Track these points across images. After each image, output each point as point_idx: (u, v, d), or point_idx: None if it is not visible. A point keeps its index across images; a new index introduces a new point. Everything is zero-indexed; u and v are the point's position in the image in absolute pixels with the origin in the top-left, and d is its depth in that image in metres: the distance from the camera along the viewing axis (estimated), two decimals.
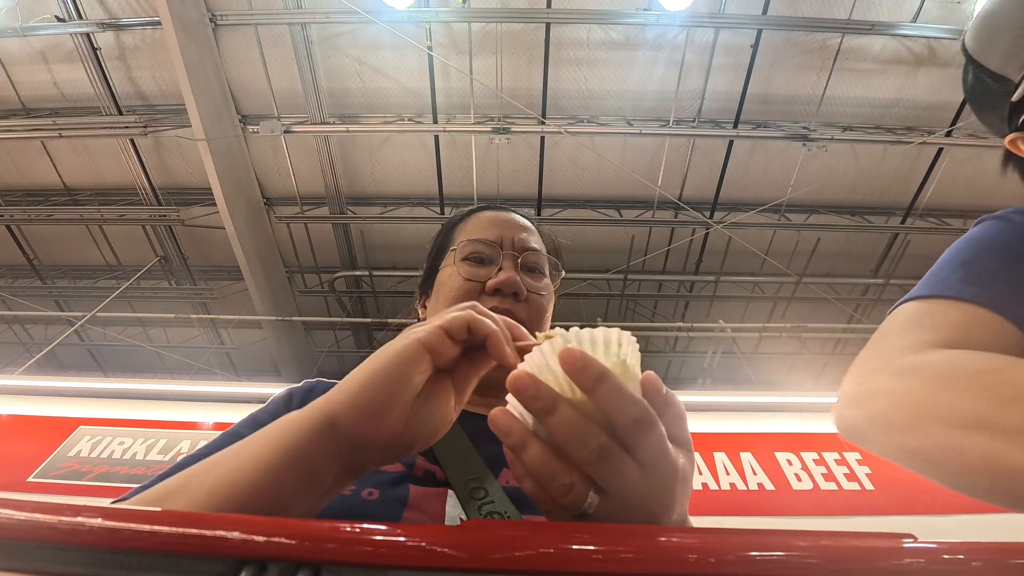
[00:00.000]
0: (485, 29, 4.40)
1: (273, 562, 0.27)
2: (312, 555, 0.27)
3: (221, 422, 2.93)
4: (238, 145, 4.77)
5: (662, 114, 4.87)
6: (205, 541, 0.27)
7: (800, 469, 2.72)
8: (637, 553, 0.27)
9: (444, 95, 4.74)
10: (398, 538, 0.28)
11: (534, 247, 0.70)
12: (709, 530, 0.29)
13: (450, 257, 0.69)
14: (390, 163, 5.24)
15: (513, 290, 0.63)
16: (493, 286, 0.63)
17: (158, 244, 5.70)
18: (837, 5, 4.33)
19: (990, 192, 5.37)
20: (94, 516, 0.28)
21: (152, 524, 0.27)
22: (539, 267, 0.70)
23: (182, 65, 4.02)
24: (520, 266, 0.67)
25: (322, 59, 4.59)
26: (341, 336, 6.50)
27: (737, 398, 3.17)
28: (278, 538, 0.27)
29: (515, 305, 0.63)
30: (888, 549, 0.29)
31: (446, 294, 0.66)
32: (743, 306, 6.15)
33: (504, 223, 0.71)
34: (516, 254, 0.67)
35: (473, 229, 0.71)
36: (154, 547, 0.27)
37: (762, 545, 0.28)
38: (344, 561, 0.27)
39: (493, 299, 0.63)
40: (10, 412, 3.00)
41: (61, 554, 0.27)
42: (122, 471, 2.64)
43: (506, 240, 0.68)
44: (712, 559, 0.27)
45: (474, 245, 0.68)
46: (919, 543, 0.29)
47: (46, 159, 5.26)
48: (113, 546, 0.27)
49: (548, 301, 0.68)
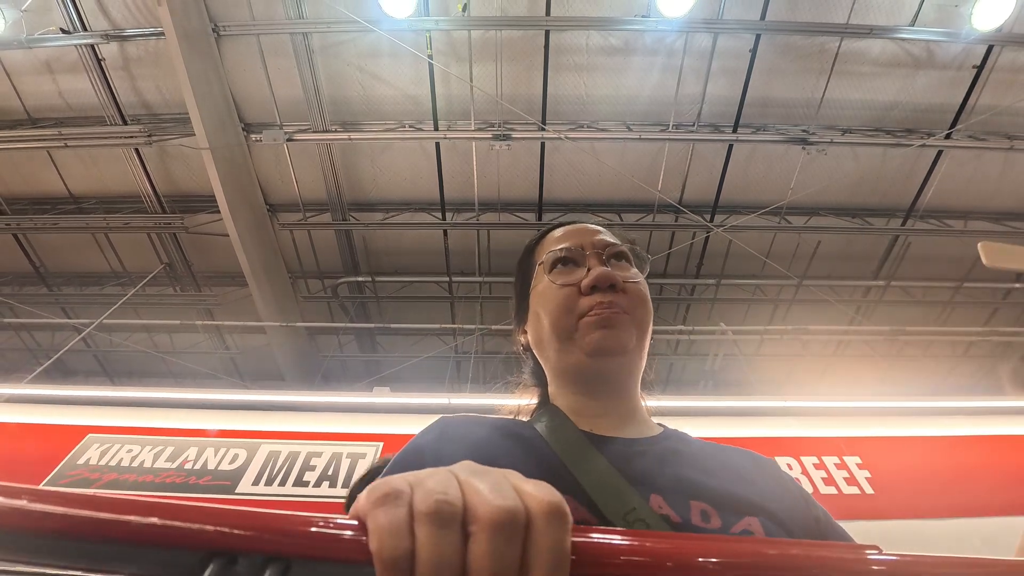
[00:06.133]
0: (485, 36, 4.44)
1: (243, 555, 0.26)
2: (283, 549, 0.26)
3: (226, 429, 2.97)
4: (241, 153, 4.82)
5: (662, 118, 4.90)
6: (172, 532, 0.26)
7: (800, 473, 2.73)
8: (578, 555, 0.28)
9: (445, 101, 4.77)
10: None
11: (613, 242, 0.71)
12: (678, 536, 0.31)
13: (539, 272, 0.71)
14: (392, 169, 5.28)
15: (609, 283, 0.64)
16: (589, 284, 0.64)
17: (163, 251, 5.76)
18: (835, 9, 4.35)
19: (991, 193, 5.38)
20: (52, 501, 0.26)
21: (114, 512, 0.26)
22: (624, 256, 0.70)
23: (185, 75, 4.07)
24: (605, 260, 0.67)
25: (323, 67, 4.63)
26: (344, 341, 6.54)
27: (736, 403, 3.19)
28: (248, 531, 0.26)
29: (616, 297, 0.63)
30: (853, 560, 0.30)
31: (546, 306, 0.66)
32: (744, 308, 6.17)
33: (577, 231, 0.73)
34: (599, 251, 0.68)
35: (550, 244, 0.73)
36: (117, 536, 0.25)
37: (731, 553, 0.29)
38: (315, 556, 0.26)
39: (592, 297, 0.63)
40: (20, 420, 3.04)
41: (21, 540, 0.25)
42: (130, 479, 2.68)
43: (585, 243, 0.70)
44: (669, 563, 0.29)
45: (558, 253, 0.69)
46: (883, 554, 0.31)
47: (52, 168, 5.32)
48: (74, 533, 0.25)
49: (644, 287, 0.68)
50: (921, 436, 2.89)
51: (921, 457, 2.77)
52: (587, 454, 0.58)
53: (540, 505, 0.29)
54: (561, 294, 0.65)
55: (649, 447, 0.61)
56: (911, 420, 3.05)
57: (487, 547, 0.27)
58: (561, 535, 0.29)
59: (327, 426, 2.97)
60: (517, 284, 0.79)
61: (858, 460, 2.76)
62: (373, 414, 3.15)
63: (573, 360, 0.64)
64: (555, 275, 0.67)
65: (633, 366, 0.66)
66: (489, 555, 0.27)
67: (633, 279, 0.67)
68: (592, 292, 0.64)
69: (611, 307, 0.62)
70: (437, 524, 0.28)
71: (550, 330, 0.65)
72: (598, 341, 0.61)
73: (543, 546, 0.28)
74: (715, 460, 0.62)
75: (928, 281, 5.85)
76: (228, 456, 2.78)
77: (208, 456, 2.78)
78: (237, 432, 2.92)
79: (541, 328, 0.67)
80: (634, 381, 0.68)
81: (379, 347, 6.71)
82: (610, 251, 0.69)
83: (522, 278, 0.77)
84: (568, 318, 0.64)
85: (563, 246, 0.70)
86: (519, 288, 0.78)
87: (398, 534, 0.27)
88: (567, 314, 0.64)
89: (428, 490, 0.29)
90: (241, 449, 2.81)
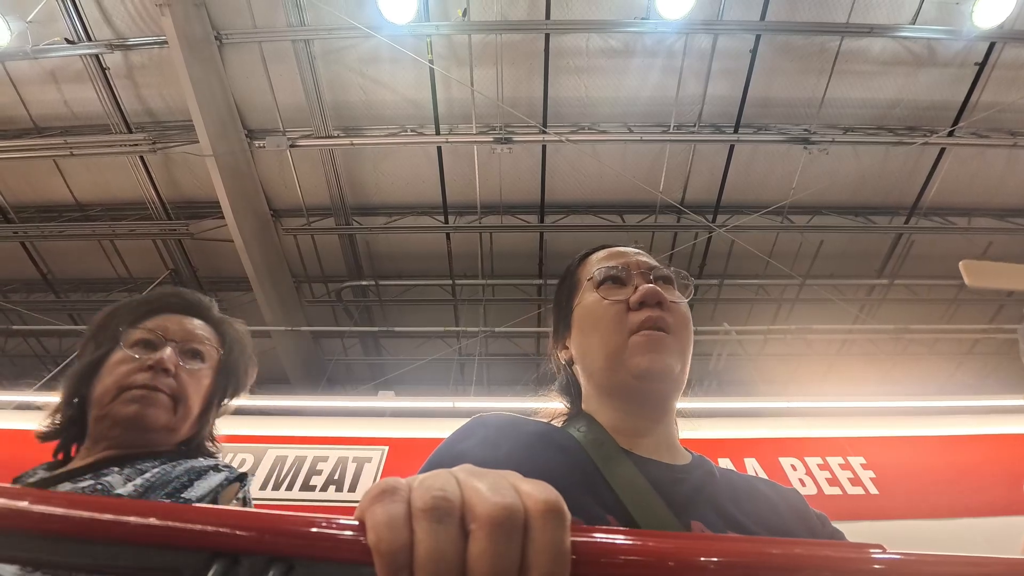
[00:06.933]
0: (485, 40, 4.45)
1: (246, 556, 0.26)
2: (286, 549, 0.27)
3: (233, 434, 3.00)
4: (245, 159, 4.85)
5: (662, 119, 4.90)
6: (175, 533, 0.26)
7: (804, 474, 2.73)
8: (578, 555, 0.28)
9: (446, 105, 4.79)
10: None
11: (657, 264, 0.73)
12: (679, 535, 0.30)
13: (586, 289, 0.72)
14: (394, 173, 5.30)
15: (657, 300, 0.65)
16: (637, 300, 0.65)
17: (168, 257, 5.80)
18: (835, 8, 4.34)
19: (994, 190, 5.36)
20: (59, 503, 0.26)
21: (117, 514, 0.26)
22: (669, 279, 0.72)
23: (189, 82, 4.10)
24: (651, 280, 0.69)
25: (325, 73, 4.65)
26: (348, 344, 6.57)
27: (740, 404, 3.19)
28: (251, 531, 0.26)
29: (663, 314, 0.65)
30: (857, 559, 0.30)
31: (595, 322, 0.68)
32: (747, 308, 6.16)
33: (622, 252, 0.75)
34: (645, 272, 0.70)
35: (596, 263, 0.74)
36: (120, 538, 0.26)
37: (734, 552, 0.29)
38: (318, 556, 0.27)
39: (640, 313, 0.65)
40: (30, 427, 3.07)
41: (26, 542, 0.26)
42: None
43: (631, 264, 0.72)
44: (671, 562, 0.28)
45: (607, 271, 0.71)
46: (887, 553, 0.30)
47: (58, 176, 5.37)
48: (78, 535, 0.25)
49: (687, 310, 0.69)
50: (926, 436, 2.88)
51: (926, 457, 2.76)
52: (629, 474, 0.58)
53: (538, 504, 0.29)
54: (612, 310, 0.66)
55: (687, 475, 0.63)
56: (915, 420, 3.04)
57: (486, 545, 0.27)
58: (560, 534, 0.29)
59: (332, 430, 2.99)
60: (558, 302, 0.80)
61: (863, 460, 2.76)
62: (378, 418, 3.18)
63: (619, 380, 0.65)
64: (604, 291, 0.69)
65: (675, 391, 0.67)
66: (488, 553, 0.27)
67: (677, 299, 0.68)
68: (640, 308, 0.65)
69: (658, 323, 0.63)
70: (434, 519, 0.28)
71: (599, 346, 0.66)
72: (648, 365, 0.62)
73: (542, 544, 0.28)
74: (745, 492, 0.64)
75: (932, 279, 5.82)
76: (236, 461, 2.80)
77: None
78: (244, 437, 2.95)
79: (589, 343, 0.68)
80: (673, 405, 0.69)
81: (383, 350, 6.73)
82: (655, 273, 0.70)
83: (565, 295, 0.78)
84: (618, 334, 0.65)
85: (611, 264, 0.72)
86: (561, 306, 0.79)
87: (395, 528, 0.28)
88: (617, 329, 0.65)
89: (426, 487, 0.30)
90: (248, 454, 2.84)
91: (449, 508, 0.28)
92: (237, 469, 0.85)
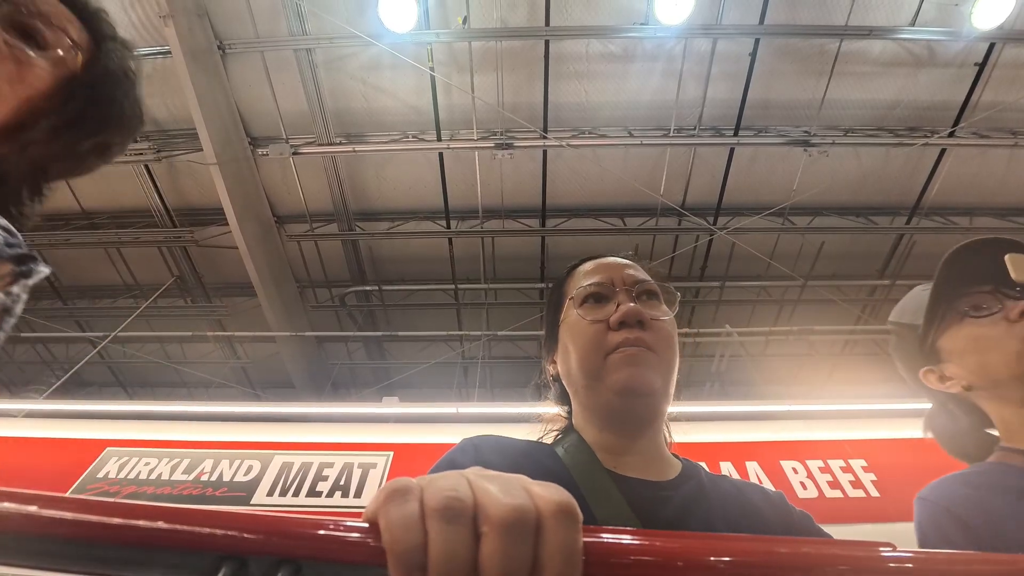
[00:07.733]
0: (485, 47, 4.48)
1: (254, 558, 0.26)
2: (294, 552, 0.27)
3: (240, 440, 3.04)
4: (248, 167, 4.89)
5: (663, 123, 4.92)
6: (184, 536, 0.26)
7: (805, 477, 2.74)
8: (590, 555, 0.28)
9: (447, 111, 4.82)
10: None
11: (643, 278, 0.71)
12: (689, 535, 0.31)
13: (569, 306, 0.72)
14: (396, 179, 5.34)
15: (637, 319, 0.64)
16: (617, 320, 0.64)
17: (173, 264, 5.86)
18: (834, 10, 4.35)
19: (995, 189, 5.36)
20: (69, 507, 0.26)
21: (127, 518, 0.26)
22: (655, 294, 0.71)
23: (192, 92, 4.15)
24: (635, 297, 0.68)
25: (327, 81, 4.69)
26: (352, 349, 6.61)
27: (742, 407, 3.21)
28: (259, 534, 0.27)
29: (643, 334, 0.64)
30: (867, 557, 0.29)
31: (575, 341, 0.67)
32: (749, 310, 6.17)
33: (608, 265, 0.74)
34: (629, 288, 0.69)
35: (581, 278, 0.73)
36: (130, 541, 0.26)
37: (743, 552, 0.29)
38: (326, 558, 0.27)
39: (620, 333, 0.64)
40: (40, 435, 3.12)
41: (36, 545, 0.26)
42: (149, 491, 2.74)
43: (616, 279, 0.70)
44: (680, 562, 0.28)
45: (588, 288, 0.70)
46: (897, 551, 0.30)
47: (64, 185, 5.41)
48: (87, 538, 0.26)
49: (672, 327, 0.68)
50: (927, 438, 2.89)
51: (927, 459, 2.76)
52: (610, 496, 0.58)
53: (550, 505, 0.29)
54: (590, 330, 0.66)
55: (673, 491, 0.62)
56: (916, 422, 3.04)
57: (498, 545, 0.27)
58: (572, 534, 0.29)
59: (338, 436, 3.02)
60: (547, 316, 0.79)
61: (864, 463, 2.76)
62: (383, 424, 3.21)
63: (601, 399, 0.65)
64: (584, 310, 0.68)
65: (659, 407, 0.67)
66: (500, 554, 0.27)
67: (660, 317, 0.67)
68: (620, 328, 0.64)
69: (637, 343, 0.63)
70: (447, 519, 0.28)
71: (578, 366, 0.66)
72: (625, 380, 0.62)
73: (554, 545, 0.28)
74: (735, 504, 0.63)
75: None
76: (243, 467, 2.84)
77: (223, 468, 2.84)
78: (251, 444, 2.98)
79: (570, 362, 0.68)
80: (660, 422, 0.68)
81: (387, 354, 6.77)
82: (640, 288, 0.69)
83: (552, 310, 0.78)
84: (596, 354, 0.64)
85: (593, 281, 0.70)
86: (549, 320, 0.78)
87: (410, 528, 0.28)
88: (595, 350, 0.64)
89: (438, 487, 0.30)
90: (255, 460, 2.87)
91: (462, 508, 0.29)
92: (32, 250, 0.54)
